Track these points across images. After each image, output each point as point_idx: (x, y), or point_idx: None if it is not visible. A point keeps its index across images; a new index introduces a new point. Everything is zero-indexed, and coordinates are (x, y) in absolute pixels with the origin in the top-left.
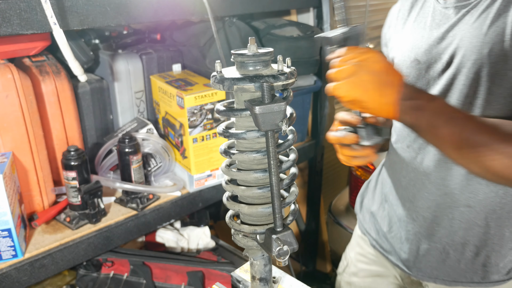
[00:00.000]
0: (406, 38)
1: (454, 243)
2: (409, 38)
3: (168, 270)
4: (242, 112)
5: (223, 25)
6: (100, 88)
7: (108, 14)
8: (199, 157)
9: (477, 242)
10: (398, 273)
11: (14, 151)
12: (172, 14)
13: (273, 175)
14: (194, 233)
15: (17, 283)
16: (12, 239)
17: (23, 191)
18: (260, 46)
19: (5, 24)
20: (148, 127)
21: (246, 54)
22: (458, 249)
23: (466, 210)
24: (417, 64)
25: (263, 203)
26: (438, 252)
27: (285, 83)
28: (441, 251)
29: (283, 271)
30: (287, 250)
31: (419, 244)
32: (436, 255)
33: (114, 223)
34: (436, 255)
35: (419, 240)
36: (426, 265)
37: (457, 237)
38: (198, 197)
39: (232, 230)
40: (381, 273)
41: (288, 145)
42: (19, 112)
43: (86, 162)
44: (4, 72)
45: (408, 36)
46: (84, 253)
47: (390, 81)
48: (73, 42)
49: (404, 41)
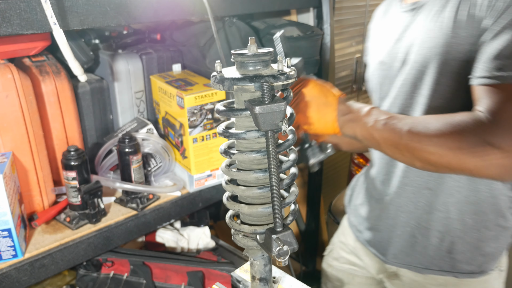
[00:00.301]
0: (376, 41)
1: (420, 228)
2: (377, 41)
3: (168, 270)
4: (242, 112)
5: (223, 25)
6: (100, 88)
7: (108, 14)
8: (199, 157)
9: (440, 227)
10: (375, 268)
11: (14, 151)
12: (172, 14)
13: (273, 175)
14: (194, 233)
15: (17, 283)
16: (12, 239)
17: (23, 191)
18: (260, 46)
19: (5, 24)
20: (148, 127)
21: (246, 54)
22: (424, 234)
23: (427, 192)
24: (382, 65)
25: (263, 203)
26: (408, 236)
27: (285, 83)
28: (411, 235)
29: (283, 271)
30: (287, 250)
31: (392, 230)
32: (407, 239)
33: (114, 223)
34: (407, 239)
35: (393, 226)
36: (400, 250)
37: (422, 221)
38: (198, 197)
39: (232, 230)
40: (357, 263)
41: (288, 145)
42: (19, 112)
43: (86, 162)
44: (4, 72)
45: (377, 39)
46: (84, 253)
47: (328, 102)
48: (73, 42)
49: (374, 45)
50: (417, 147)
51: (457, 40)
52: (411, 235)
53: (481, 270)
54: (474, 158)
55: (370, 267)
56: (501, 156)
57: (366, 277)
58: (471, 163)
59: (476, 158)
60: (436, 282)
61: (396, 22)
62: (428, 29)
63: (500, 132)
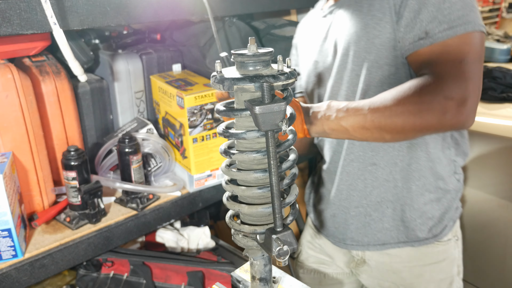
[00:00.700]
0: (305, 49)
1: (373, 203)
2: (306, 48)
3: (168, 270)
4: (242, 112)
5: (223, 25)
6: (100, 88)
7: (108, 14)
8: (199, 157)
9: (390, 197)
10: (343, 261)
11: (14, 151)
12: (172, 14)
13: (273, 175)
14: (194, 233)
15: (17, 283)
16: (12, 239)
17: (23, 191)
18: (260, 46)
19: (5, 24)
20: (148, 127)
21: (246, 54)
22: (377, 209)
23: (373, 168)
24: (316, 63)
25: (263, 203)
26: (363, 217)
27: (285, 83)
28: (365, 215)
29: (283, 271)
30: (287, 250)
31: (347, 211)
32: (362, 219)
33: (114, 223)
34: (362, 219)
35: (346, 210)
36: (356, 232)
37: (373, 196)
38: (198, 197)
39: (232, 230)
40: (326, 260)
41: (288, 145)
42: (19, 112)
43: (86, 162)
44: (4, 72)
45: (305, 47)
46: (84, 253)
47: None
48: (73, 42)
49: (304, 52)
50: (382, 121)
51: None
52: (365, 214)
53: (433, 235)
54: (435, 114)
55: (338, 261)
56: (457, 105)
57: (337, 273)
58: (434, 119)
59: (436, 113)
60: (400, 260)
61: (319, 27)
62: (346, 27)
63: (448, 85)
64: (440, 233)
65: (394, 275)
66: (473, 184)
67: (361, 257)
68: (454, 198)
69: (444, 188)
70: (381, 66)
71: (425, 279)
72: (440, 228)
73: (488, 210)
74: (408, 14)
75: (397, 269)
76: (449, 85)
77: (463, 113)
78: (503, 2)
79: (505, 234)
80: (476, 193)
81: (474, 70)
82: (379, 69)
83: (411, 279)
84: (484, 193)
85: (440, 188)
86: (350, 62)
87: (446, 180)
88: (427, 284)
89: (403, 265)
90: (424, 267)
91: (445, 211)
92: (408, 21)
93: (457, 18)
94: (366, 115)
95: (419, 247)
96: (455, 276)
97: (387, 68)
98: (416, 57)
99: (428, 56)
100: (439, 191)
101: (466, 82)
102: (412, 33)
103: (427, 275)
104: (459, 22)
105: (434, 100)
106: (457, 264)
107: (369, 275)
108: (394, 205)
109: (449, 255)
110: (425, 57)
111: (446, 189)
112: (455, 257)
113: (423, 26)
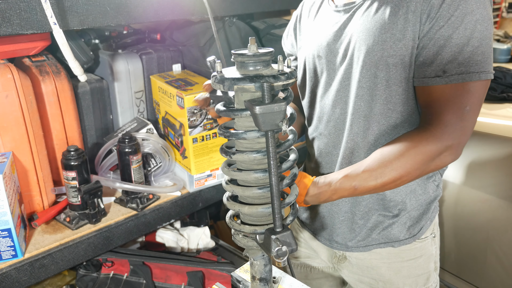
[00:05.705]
0: (311, 36)
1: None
2: (313, 37)
3: (168, 270)
4: (242, 112)
5: (223, 25)
6: (100, 88)
7: (108, 14)
8: (199, 157)
9: (376, 207)
10: (326, 255)
11: (14, 151)
12: (172, 14)
13: (273, 175)
14: (194, 233)
15: (17, 283)
16: (12, 239)
17: (23, 191)
18: (260, 46)
19: (5, 24)
20: (148, 127)
21: (247, 54)
22: (364, 217)
23: None
24: (320, 59)
25: (263, 203)
26: (350, 223)
27: (285, 83)
28: (352, 222)
29: (283, 271)
30: (286, 250)
31: (335, 219)
32: (349, 226)
33: (114, 223)
34: (349, 226)
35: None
36: (342, 237)
37: (362, 206)
38: (198, 197)
39: (232, 230)
40: (311, 255)
41: (288, 145)
42: (19, 112)
43: (86, 162)
44: (4, 72)
45: (312, 35)
46: (84, 253)
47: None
48: (73, 42)
49: (309, 39)
50: (372, 187)
51: (392, 40)
52: (352, 222)
53: (412, 235)
54: (434, 165)
55: (322, 255)
56: (455, 150)
57: (323, 267)
58: (432, 167)
59: (435, 163)
60: (380, 257)
61: (329, 20)
62: (366, 28)
63: (449, 134)
64: (418, 233)
65: (373, 271)
66: (473, 184)
67: (342, 254)
68: (433, 201)
69: (423, 194)
70: (390, 85)
71: (403, 274)
72: (418, 228)
73: (488, 210)
74: (432, 48)
75: (376, 265)
76: (450, 134)
77: (457, 155)
78: (503, 2)
79: (505, 234)
80: (476, 193)
81: (474, 117)
82: (387, 88)
83: (389, 275)
84: (484, 193)
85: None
86: (358, 73)
87: (427, 187)
88: (405, 279)
89: (383, 261)
90: (402, 263)
91: (423, 212)
92: (429, 55)
93: (474, 64)
94: (356, 189)
95: (398, 247)
96: (432, 272)
97: (394, 89)
98: (427, 90)
99: (439, 94)
100: (419, 198)
101: (466, 130)
102: (430, 68)
103: (405, 271)
104: (476, 68)
105: (435, 153)
106: (434, 261)
107: (349, 271)
108: (379, 213)
109: (426, 252)
110: (435, 95)
111: (426, 195)
112: (432, 253)
113: (442, 63)
